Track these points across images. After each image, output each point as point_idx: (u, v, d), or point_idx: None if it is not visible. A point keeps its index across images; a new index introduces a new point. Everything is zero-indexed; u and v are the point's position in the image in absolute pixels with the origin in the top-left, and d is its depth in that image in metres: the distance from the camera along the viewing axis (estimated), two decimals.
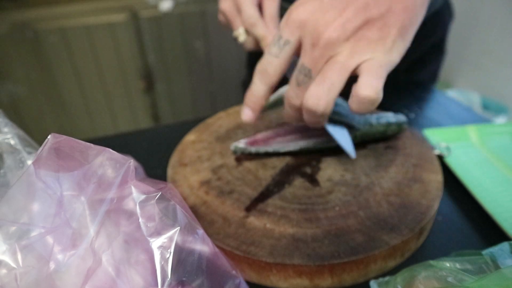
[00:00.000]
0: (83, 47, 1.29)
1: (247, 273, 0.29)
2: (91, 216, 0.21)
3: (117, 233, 0.22)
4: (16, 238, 0.20)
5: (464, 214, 0.35)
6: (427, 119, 0.52)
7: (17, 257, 0.20)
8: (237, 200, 0.33)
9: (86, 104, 1.39)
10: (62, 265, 0.20)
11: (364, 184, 0.34)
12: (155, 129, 0.55)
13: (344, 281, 0.29)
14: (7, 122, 0.28)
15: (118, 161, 0.22)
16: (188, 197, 0.34)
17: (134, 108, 1.46)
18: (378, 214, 0.31)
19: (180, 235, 0.22)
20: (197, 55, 1.43)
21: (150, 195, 0.22)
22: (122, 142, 0.49)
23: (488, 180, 0.38)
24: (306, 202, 0.33)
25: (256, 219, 0.31)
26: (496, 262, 0.23)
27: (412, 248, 0.31)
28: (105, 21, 1.27)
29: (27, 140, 0.29)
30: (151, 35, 1.34)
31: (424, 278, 0.23)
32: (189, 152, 0.41)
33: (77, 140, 0.22)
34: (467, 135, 0.45)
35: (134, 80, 1.40)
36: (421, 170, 0.36)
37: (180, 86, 1.47)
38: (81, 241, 0.21)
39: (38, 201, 0.21)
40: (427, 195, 0.33)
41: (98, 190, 0.22)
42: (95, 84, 1.36)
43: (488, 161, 0.41)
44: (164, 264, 0.21)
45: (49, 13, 1.23)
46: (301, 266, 0.27)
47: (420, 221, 0.30)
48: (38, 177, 0.21)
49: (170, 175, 0.37)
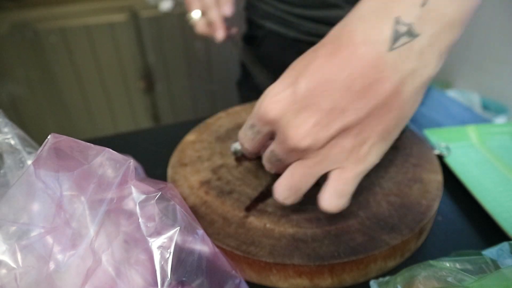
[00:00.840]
0: (83, 47, 1.29)
1: (247, 273, 0.29)
2: (91, 216, 0.21)
3: (117, 233, 0.22)
4: (16, 238, 0.20)
5: (464, 214, 0.35)
6: (427, 119, 0.52)
7: (17, 257, 0.20)
8: (237, 200, 0.33)
9: (86, 104, 1.39)
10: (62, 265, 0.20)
11: (364, 184, 0.34)
12: (155, 129, 0.55)
13: (344, 281, 0.28)
14: (7, 122, 0.28)
15: (118, 161, 0.22)
16: (188, 197, 0.34)
17: (134, 108, 1.46)
18: (378, 214, 0.31)
19: (180, 235, 0.22)
20: (197, 55, 1.43)
21: (150, 195, 0.22)
22: (122, 142, 0.49)
23: (488, 180, 0.38)
24: (306, 202, 0.33)
25: (256, 219, 0.31)
26: (496, 262, 0.23)
27: (412, 248, 0.31)
28: (105, 21, 1.27)
29: (27, 140, 0.29)
30: (151, 35, 1.34)
31: (424, 278, 0.23)
32: (189, 152, 0.41)
33: (77, 140, 0.22)
34: (467, 135, 0.45)
35: (134, 80, 1.40)
36: (421, 170, 0.36)
37: (180, 86, 1.47)
38: (81, 241, 0.21)
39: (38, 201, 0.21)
40: (427, 195, 0.33)
41: (98, 190, 0.22)
42: (95, 84, 1.36)
43: (488, 161, 0.41)
44: (164, 264, 0.21)
45: (49, 13, 1.23)
46: (301, 266, 0.27)
47: (420, 221, 0.30)
48: (38, 177, 0.21)
49: (170, 175, 0.37)
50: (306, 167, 0.26)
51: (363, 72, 0.23)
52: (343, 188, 0.26)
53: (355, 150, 0.24)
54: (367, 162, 0.25)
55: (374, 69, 0.23)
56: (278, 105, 0.25)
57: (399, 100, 0.23)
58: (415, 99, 0.24)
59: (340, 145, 0.24)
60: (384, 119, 0.24)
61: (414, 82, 0.23)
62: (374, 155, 0.25)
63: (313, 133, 0.24)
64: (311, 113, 0.24)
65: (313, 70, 0.24)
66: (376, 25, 0.23)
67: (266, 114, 0.25)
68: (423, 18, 0.22)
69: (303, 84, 0.24)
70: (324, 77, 0.24)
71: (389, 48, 0.22)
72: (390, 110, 0.23)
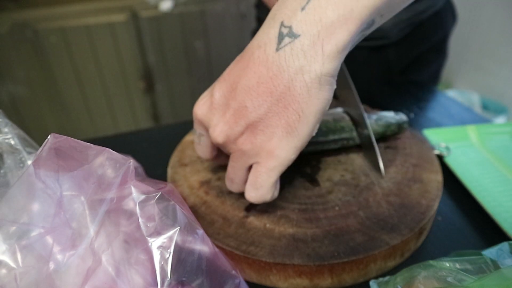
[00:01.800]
0: (83, 47, 1.29)
1: (247, 273, 0.29)
2: (91, 216, 0.21)
3: (117, 233, 0.22)
4: (16, 238, 0.20)
5: (464, 214, 0.35)
6: (427, 119, 0.52)
7: (17, 257, 0.20)
8: (237, 200, 0.33)
9: (86, 104, 1.39)
10: (62, 265, 0.20)
11: (363, 184, 0.34)
12: (155, 129, 0.55)
13: (344, 281, 0.29)
14: (7, 122, 0.28)
15: (118, 161, 0.22)
16: (188, 197, 0.34)
17: (134, 108, 1.46)
18: (378, 214, 0.31)
19: (180, 235, 0.22)
20: (197, 55, 1.43)
21: (150, 195, 0.22)
22: (122, 142, 0.49)
23: (488, 180, 0.38)
24: (306, 202, 0.33)
25: (256, 219, 0.31)
26: (496, 262, 0.23)
27: (412, 248, 0.31)
28: (105, 21, 1.27)
29: (27, 140, 0.29)
30: (151, 35, 1.34)
31: (424, 278, 0.23)
32: (189, 152, 0.41)
33: (77, 140, 0.22)
34: (467, 135, 0.45)
35: (134, 80, 1.40)
36: (421, 170, 0.36)
37: (180, 86, 1.47)
38: (81, 241, 0.21)
39: (38, 201, 0.21)
40: (427, 195, 0.33)
41: (98, 190, 0.22)
42: (95, 84, 1.36)
43: (488, 161, 0.41)
44: (163, 264, 0.21)
45: (49, 13, 1.23)
46: (301, 266, 0.27)
47: (420, 221, 0.30)
48: (38, 177, 0.21)
49: (170, 175, 0.37)
50: (232, 161, 0.29)
51: (257, 72, 0.26)
52: (257, 181, 0.28)
53: (264, 146, 0.27)
54: (278, 157, 0.27)
55: (265, 69, 0.25)
56: (201, 108, 0.29)
57: (292, 96, 0.25)
58: (310, 94, 0.25)
59: (250, 141, 0.27)
60: (283, 115, 0.26)
61: (304, 78, 0.25)
62: (283, 150, 0.27)
63: (224, 130, 0.27)
64: (222, 113, 0.28)
65: (225, 75, 0.28)
66: (266, 30, 0.26)
67: (195, 116, 0.30)
68: (303, 21, 0.24)
69: (217, 88, 0.28)
70: (231, 80, 0.27)
71: (276, 48, 0.25)
72: (286, 105, 0.25)
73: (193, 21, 1.36)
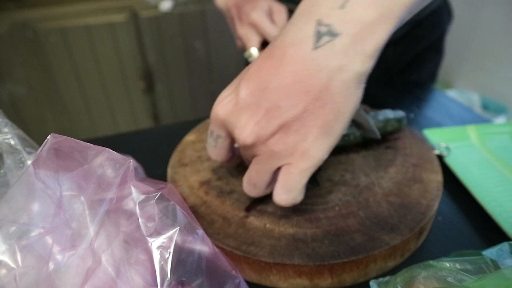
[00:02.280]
0: (83, 47, 1.29)
1: (247, 273, 0.29)
2: (91, 216, 0.21)
3: (117, 233, 0.22)
4: (15, 238, 0.20)
5: (464, 214, 0.35)
6: (427, 119, 0.52)
7: (17, 257, 0.20)
8: (237, 200, 0.33)
9: (86, 104, 1.39)
10: (62, 265, 0.20)
11: (364, 184, 0.34)
12: (155, 129, 0.55)
13: (344, 281, 0.29)
14: (7, 122, 0.28)
15: (117, 161, 0.22)
16: (188, 197, 0.34)
17: (134, 108, 1.46)
18: (378, 214, 0.31)
19: (180, 235, 0.22)
20: (197, 55, 1.43)
21: (150, 195, 0.22)
22: (122, 142, 0.49)
23: (488, 180, 0.38)
24: (306, 202, 0.33)
25: (256, 219, 0.31)
26: (496, 262, 0.23)
27: (412, 248, 0.31)
28: (105, 21, 1.27)
29: (27, 140, 0.29)
30: (151, 35, 1.34)
31: (424, 278, 0.23)
32: (189, 152, 0.41)
33: (77, 140, 0.22)
34: (467, 135, 0.45)
35: (134, 80, 1.40)
36: (421, 170, 0.36)
37: (180, 86, 1.47)
38: (81, 241, 0.21)
39: (38, 201, 0.21)
40: (427, 195, 0.33)
41: (98, 190, 0.22)
42: (95, 84, 1.36)
43: (488, 161, 0.41)
44: (163, 264, 0.21)
45: (49, 13, 1.23)
46: (301, 266, 0.27)
47: (420, 221, 0.30)
48: (38, 177, 0.21)
49: (170, 175, 0.37)
50: (258, 163, 0.28)
51: (292, 70, 0.25)
52: (290, 183, 0.27)
53: (298, 146, 0.26)
54: (312, 158, 0.26)
55: (301, 67, 0.24)
56: (224, 108, 0.27)
57: (330, 95, 0.25)
58: (348, 93, 0.25)
59: (283, 142, 0.26)
60: (320, 114, 0.25)
61: (343, 78, 0.24)
62: (318, 150, 0.26)
63: (256, 131, 0.26)
64: (252, 113, 0.26)
65: (251, 73, 0.26)
66: (301, 27, 0.25)
67: (216, 117, 0.28)
68: (343, 19, 0.23)
69: (244, 86, 0.26)
70: (261, 78, 0.26)
71: (313, 47, 0.24)
72: (324, 105, 0.25)
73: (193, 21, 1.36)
